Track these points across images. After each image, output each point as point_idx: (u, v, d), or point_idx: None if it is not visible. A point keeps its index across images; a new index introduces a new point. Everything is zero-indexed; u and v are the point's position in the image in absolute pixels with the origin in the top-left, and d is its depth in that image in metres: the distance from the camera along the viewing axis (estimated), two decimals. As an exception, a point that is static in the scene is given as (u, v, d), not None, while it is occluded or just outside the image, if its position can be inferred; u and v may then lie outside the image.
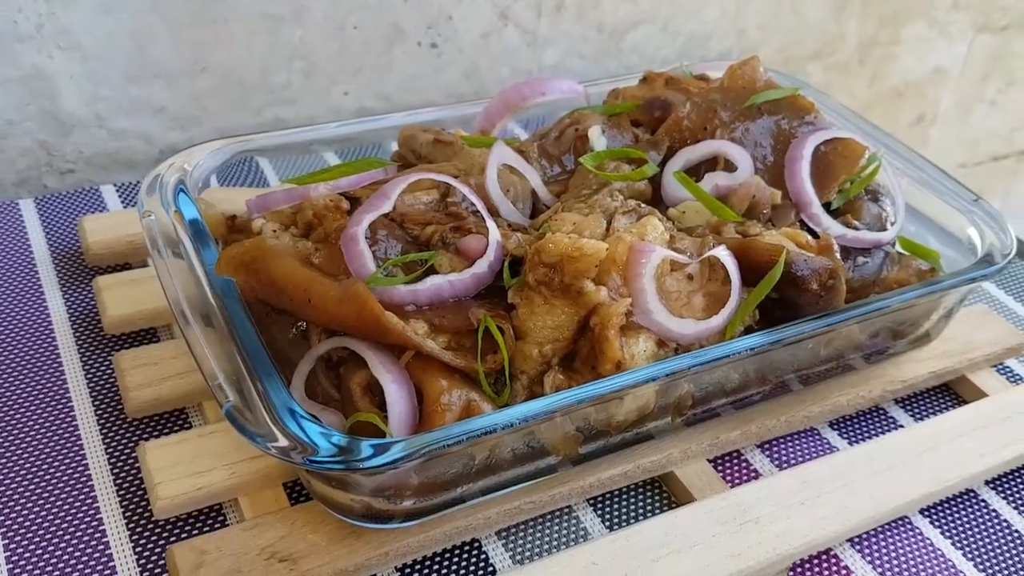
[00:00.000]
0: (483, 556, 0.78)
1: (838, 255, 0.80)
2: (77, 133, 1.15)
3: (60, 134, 1.14)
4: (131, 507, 0.78)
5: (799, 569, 0.79)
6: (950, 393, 0.98)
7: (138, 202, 0.85)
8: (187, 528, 0.77)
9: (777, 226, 0.87)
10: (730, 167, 0.90)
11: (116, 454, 0.82)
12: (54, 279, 1.01)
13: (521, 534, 0.80)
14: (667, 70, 1.05)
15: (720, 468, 0.86)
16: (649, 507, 0.83)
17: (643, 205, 0.81)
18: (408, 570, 0.76)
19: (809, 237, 0.81)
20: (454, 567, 0.77)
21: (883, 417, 0.95)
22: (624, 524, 0.81)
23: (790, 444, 0.90)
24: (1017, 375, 1.01)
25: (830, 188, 0.89)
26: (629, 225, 0.77)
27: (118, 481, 0.80)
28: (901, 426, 0.94)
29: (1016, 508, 0.87)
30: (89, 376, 0.90)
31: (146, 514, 0.77)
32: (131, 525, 0.76)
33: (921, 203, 0.99)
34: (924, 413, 0.96)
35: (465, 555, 0.78)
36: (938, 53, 1.84)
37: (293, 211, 0.82)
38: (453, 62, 1.32)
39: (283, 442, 0.63)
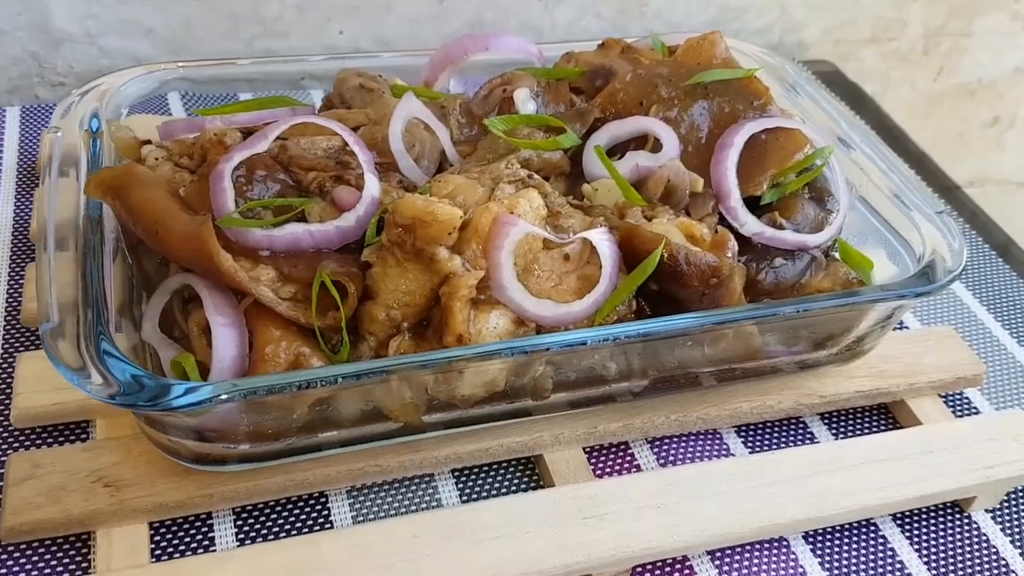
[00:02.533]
0: (325, 512, 0.77)
1: (730, 254, 0.74)
2: (67, 48, 1.17)
3: (51, 47, 1.17)
4: (-3, 411, 0.80)
5: (644, 574, 0.75)
6: (887, 417, 0.91)
7: (53, 117, 0.86)
8: (40, 440, 0.78)
9: (693, 215, 0.82)
10: (659, 148, 0.84)
11: (3, 359, 0.85)
12: (12, 187, 1.05)
13: (372, 495, 0.79)
14: (635, 40, 0.99)
15: (596, 458, 0.83)
16: (513, 487, 0.81)
17: (533, 176, 0.77)
18: (246, 515, 0.76)
19: (705, 230, 0.76)
20: (292, 517, 0.76)
21: (800, 430, 0.89)
22: (480, 498, 0.79)
23: (684, 444, 0.85)
24: (967, 408, 0.93)
25: (757, 180, 0.83)
26: (506, 196, 0.74)
27: (-2, 383, 0.83)
28: (815, 442, 0.88)
29: (917, 549, 0.81)
30: (10, 284, 0.92)
31: (5, 421, 0.79)
32: (-11, 427, 0.79)
33: (885, 209, 0.91)
34: (847, 433, 0.89)
35: (308, 508, 0.77)
36: (1020, 51, 1.69)
37: (193, 142, 0.82)
38: (456, 11, 1.29)
39: (87, 372, 0.63)
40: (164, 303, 0.75)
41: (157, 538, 0.74)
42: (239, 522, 0.76)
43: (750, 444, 0.87)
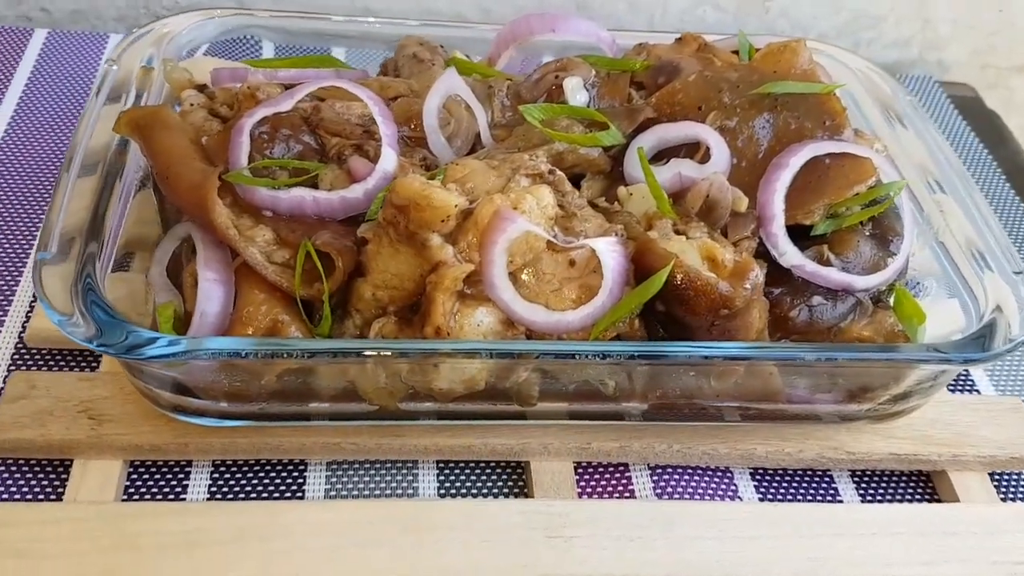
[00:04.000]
0: (301, 480, 0.76)
1: (749, 285, 0.68)
2: (175, -19, 1.20)
3: (161, -21, 1.20)
4: (16, 327, 0.83)
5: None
6: (927, 487, 0.82)
7: (112, 49, 0.88)
8: (47, 362, 0.80)
9: (731, 236, 0.75)
10: (708, 159, 0.78)
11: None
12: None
13: (351, 472, 0.77)
14: (721, 38, 0.92)
15: (588, 476, 0.78)
16: (495, 490, 0.77)
17: (555, 172, 0.73)
18: (224, 470, 0.76)
19: (728, 256, 0.70)
20: (267, 480, 0.76)
21: (824, 485, 0.81)
22: (460, 496, 0.76)
23: (689, 477, 0.79)
24: (1020, 495, 0.83)
25: (810, 208, 0.75)
26: (515, 189, 0.70)
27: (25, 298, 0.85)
28: (837, 500, 0.80)
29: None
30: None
31: (19, 340, 0.82)
32: (7, 340, 0.81)
33: (960, 258, 0.81)
34: (876, 497, 0.81)
35: (285, 474, 0.76)
36: None
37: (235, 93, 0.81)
38: (564, -16, 1.25)
39: (71, 311, 0.64)
40: (174, 248, 0.75)
41: (135, 477, 0.75)
42: (215, 475, 0.76)
43: (763, 490, 0.80)
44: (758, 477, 0.81)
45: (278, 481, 0.76)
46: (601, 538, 0.71)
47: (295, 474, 0.77)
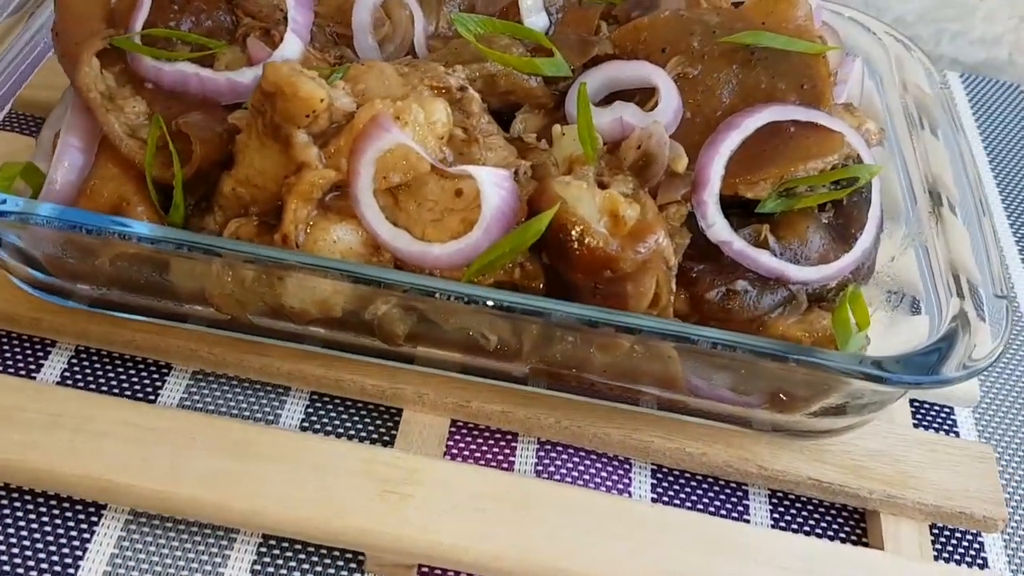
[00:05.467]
0: (160, 383, 0.71)
1: (643, 249, 0.58)
2: None
3: None
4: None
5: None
6: (857, 526, 0.71)
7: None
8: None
9: (660, 198, 0.65)
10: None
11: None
12: None
13: (214, 385, 0.72)
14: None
15: (461, 436, 0.71)
16: (363, 434, 0.71)
17: (467, 89, 0.65)
18: (84, 356, 0.72)
19: (631, 212, 0.60)
20: (124, 378, 0.71)
21: (735, 498, 0.71)
22: (314, 431, 0.70)
23: (579, 460, 0.70)
24: (965, 555, 0.71)
25: (755, 179, 0.65)
26: (408, 99, 0.62)
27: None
28: (742, 519, 0.70)
29: None
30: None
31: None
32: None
33: (940, 270, 0.69)
34: (789, 524, 0.71)
35: (145, 374, 0.72)
36: None
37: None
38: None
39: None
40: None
41: (-3, 347, 0.71)
42: (73, 361, 0.71)
43: (660, 490, 0.71)
44: (660, 475, 0.72)
45: (135, 380, 0.71)
46: (443, 503, 0.63)
47: (155, 376, 0.72)
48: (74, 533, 0.63)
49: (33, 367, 0.71)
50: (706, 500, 0.71)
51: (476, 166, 0.60)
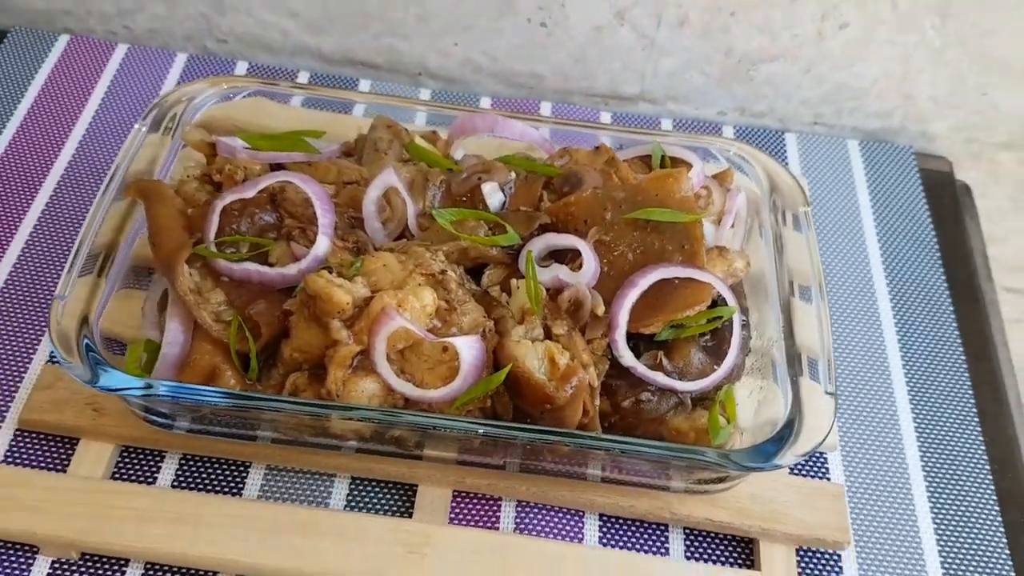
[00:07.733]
0: (244, 477, 1.00)
1: (569, 388, 0.86)
2: (230, 14, 1.41)
3: (218, 12, 1.41)
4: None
5: (444, 610, 0.93)
6: (742, 550, 1.00)
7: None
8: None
9: (588, 334, 0.93)
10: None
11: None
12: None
13: (284, 477, 1.01)
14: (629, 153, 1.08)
15: (463, 504, 0.99)
16: (386, 507, 0.99)
17: (447, 272, 0.92)
18: (187, 464, 1.01)
19: (563, 359, 0.88)
20: (218, 475, 1.00)
21: (657, 537, 0.99)
22: (357, 510, 0.99)
23: (546, 515, 0.99)
24: (822, 570, 0.99)
25: (651, 321, 0.92)
26: (406, 288, 0.90)
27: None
28: (660, 553, 0.99)
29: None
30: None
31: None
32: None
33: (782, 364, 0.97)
34: (699, 555, 0.99)
35: (234, 472, 1.00)
36: None
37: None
38: (561, 45, 1.40)
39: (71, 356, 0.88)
40: (164, 288, 0.99)
41: (126, 459, 1.00)
42: (182, 466, 1.00)
43: (603, 533, 1.00)
44: (604, 521, 1.00)
45: (225, 477, 1.00)
46: (448, 558, 0.92)
47: (243, 473, 1.00)
48: (199, 591, 0.93)
49: (155, 472, 1.00)
50: (635, 539, 1.00)
51: (466, 331, 0.88)
